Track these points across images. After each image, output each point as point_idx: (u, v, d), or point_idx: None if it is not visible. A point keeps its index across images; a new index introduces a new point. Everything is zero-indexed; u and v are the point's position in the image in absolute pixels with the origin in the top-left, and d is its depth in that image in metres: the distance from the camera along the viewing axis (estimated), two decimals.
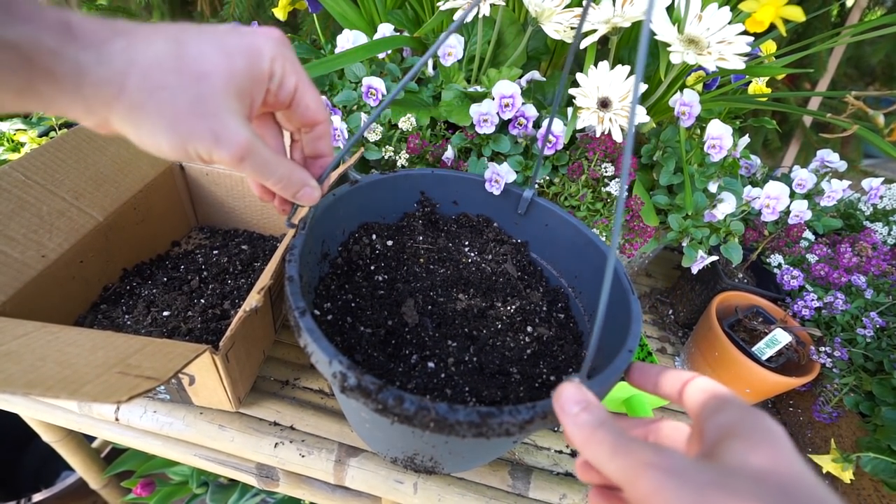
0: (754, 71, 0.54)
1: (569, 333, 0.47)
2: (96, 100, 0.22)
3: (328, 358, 0.29)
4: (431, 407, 0.27)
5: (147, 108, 0.23)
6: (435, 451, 0.41)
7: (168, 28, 0.23)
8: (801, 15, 0.44)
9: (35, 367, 0.30)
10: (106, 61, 0.21)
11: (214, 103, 0.24)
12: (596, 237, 0.47)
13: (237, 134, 0.25)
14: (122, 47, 0.22)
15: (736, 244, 0.57)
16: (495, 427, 0.27)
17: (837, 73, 1.19)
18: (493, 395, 0.37)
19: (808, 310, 0.61)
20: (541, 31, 0.55)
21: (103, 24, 0.22)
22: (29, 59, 0.20)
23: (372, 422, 0.39)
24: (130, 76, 0.22)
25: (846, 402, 0.56)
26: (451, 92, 0.58)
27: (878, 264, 0.66)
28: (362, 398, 0.28)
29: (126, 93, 0.22)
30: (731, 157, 0.58)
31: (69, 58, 0.20)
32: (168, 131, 0.24)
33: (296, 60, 0.27)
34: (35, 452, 1.11)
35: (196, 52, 0.23)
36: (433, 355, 0.40)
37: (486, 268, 0.50)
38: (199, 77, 0.23)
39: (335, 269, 0.44)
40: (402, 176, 0.50)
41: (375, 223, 0.50)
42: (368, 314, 0.41)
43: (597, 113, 0.50)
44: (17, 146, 0.65)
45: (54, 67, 0.20)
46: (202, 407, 0.50)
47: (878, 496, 0.51)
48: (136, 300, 0.55)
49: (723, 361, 0.59)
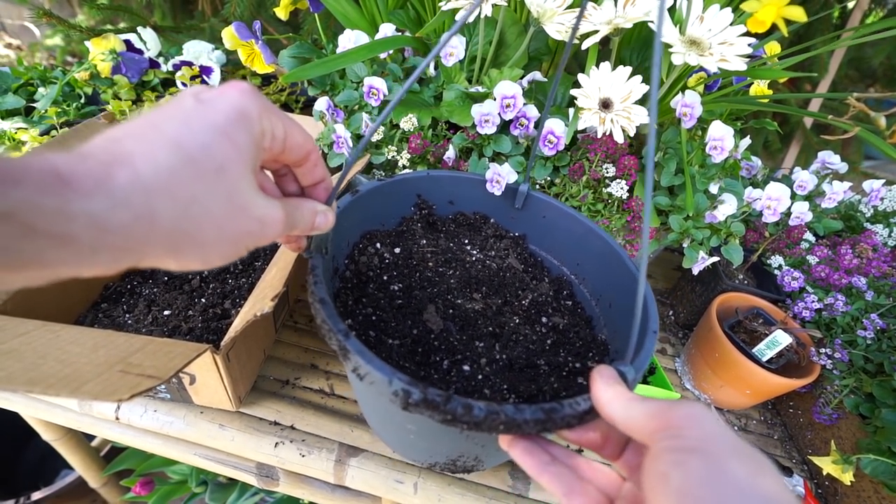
0: (756, 73, 0.54)
1: (580, 319, 0.48)
2: (126, 245, 0.19)
3: (387, 377, 0.28)
4: (500, 410, 0.27)
5: (187, 230, 0.21)
6: (482, 451, 0.41)
7: (150, 133, 0.20)
8: (803, 15, 0.44)
9: (36, 365, 0.30)
10: (122, 203, 0.18)
11: (242, 193, 0.23)
12: (595, 225, 0.49)
13: (273, 210, 0.25)
14: (129, 179, 0.19)
15: (736, 245, 0.57)
16: (559, 421, 0.28)
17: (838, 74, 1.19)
18: (528, 389, 0.37)
19: (808, 311, 0.61)
20: (542, 32, 0.55)
21: (86, 157, 0.19)
22: (31, 228, 0.17)
23: (418, 432, 0.39)
24: (157, 207, 0.19)
25: (846, 403, 0.56)
26: (452, 92, 0.58)
27: (879, 266, 0.66)
28: (429, 411, 0.27)
29: (159, 225, 0.19)
30: (732, 159, 0.58)
31: (79, 213, 0.17)
32: (218, 246, 0.22)
33: (273, 106, 0.26)
34: (34, 451, 1.11)
35: (200, 148, 0.21)
36: (465, 358, 0.39)
37: (492, 264, 0.50)
38: (217, 172, 0.21)
39: (345, 283, 0.44)
40: (399, 180, 0.50)
41: (377, 231, 0.50)
42: (392, 325, 0.41)
43: (598, 114, 0.50)
44: (18, 144, 0.65)
45: (66, 230, 0.17)
46: (203, 406, 0.50)
47: (878, 498, 0.51)
48: (137, 299, 0.56)
49: (723, 363, 0.59)
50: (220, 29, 0.69)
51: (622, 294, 0.45)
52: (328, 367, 0.57)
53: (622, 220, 0.56)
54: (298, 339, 0.60)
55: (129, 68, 0.78)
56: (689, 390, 0.66)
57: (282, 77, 0.56)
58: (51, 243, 0.17)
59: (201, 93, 0.23)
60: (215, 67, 0.81)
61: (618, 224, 0.56)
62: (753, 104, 0.61)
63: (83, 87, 0.79)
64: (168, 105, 0.22)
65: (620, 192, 0.54)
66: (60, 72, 0.82)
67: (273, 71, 0.71)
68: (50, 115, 0.69)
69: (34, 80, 0.80)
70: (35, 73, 0.80)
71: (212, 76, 0.81)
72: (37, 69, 0.81)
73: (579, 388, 0.37)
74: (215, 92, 0.23)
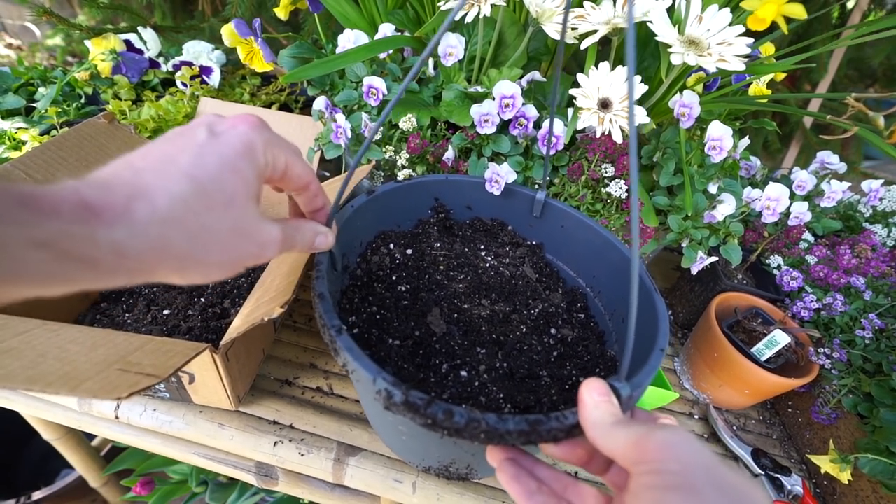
0: (756, 69, 0.54)
1: (591, 333, 0.47)
2: (140, 268, 0.22)
3: (372, 376, 0.28)
4: (482, 419, 0.26)
5: (195, 254, 0.23)
6: (473, 459, 0.41)
7: (168, 167, 0.23)
8: (803, 12, 0.44)
9: (36, 363, 0.30)
10: (141, 233, 0.21)
11: (246, 220, 0.25)
12: (614, 237, 0.47)
13: (272, 234, 0.27)
14: (147, 212, 0.21)
15: (735, 245, 0.58)
16: (544, 434, 0.27)
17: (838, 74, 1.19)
18: (526, 400, 0.36)
19: (807, 311, 0.61)
20: (542, 32, 0.56)
21: (111, 189, 0.21)
22: (65, 253, 0.19)
23: (410, 434, 0.39)
24: (171, 236, 0.22)
25: (845, 403, 0.56)
26: (451, 92, 0.58)
27: (878, 266, 0.66)
28: (410, 414, 0.27)
29: (171, 251, 0.22)
30: (731, 159, 0.58)
31: (103, 240, 0.20)
32: (220, 266, 0.25)
33: (278, 139, 0.28)
34: (35, 450, 1.11)
35: (211, 181, 0.23)
36: (464, 363, 0.39)
37: (505, 272, 0.50)
38: (226, 204, 0.24)
39: (355, 280, 0.44)
40: (418, 183, 0.50)
41: (392, 231, 0.50)
42: (395, 325, 0.41)
43: (597, 114, 0.50)
44: (18, 144, 0.65)
45: (92, 254, 0.20)
46: (202, 405, 0.50)
47: (877, 497, 0.51)
48: (137, 298, 0.56)
49: (722, 362, 0.59)
50: (220, 29, 0.69)
51: (641, 311, 0.44)
52: (327, 366, 0.58)
53: (621, 220, 0.56)
54: (297, 338, 0.60)
55: (130, 68, 0.78)
56: (687, 390, 0.66)
57: (281, 77, 0.56)
58: (78, 266, 0.20)
59: (215, 125, 0.25)
60: (215, 67, 0.81)
61: (616, 224, 0.56)
62: (752, 104, 0.61)
63: (83, 86, 0.79)
64: (184, 135, 0.25)
65: (619, 191, 0.54)
66: (61, 72, 0.82)
67: (272, 70, 0.71)
68: (50, 114, 0.69)
69: (34, 79, 0.80)
70: (35, 73, 0.80)
71: (211, 76, 0.81)
72: (37, 69, 0.81)
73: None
74: (227, 124, 0.26)
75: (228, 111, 0.68)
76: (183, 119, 0.70)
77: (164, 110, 0.70)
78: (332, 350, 0.31)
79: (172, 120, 0.70)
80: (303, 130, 0.67)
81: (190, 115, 0.71)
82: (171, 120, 0.70)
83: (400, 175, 0.58)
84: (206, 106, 0.68)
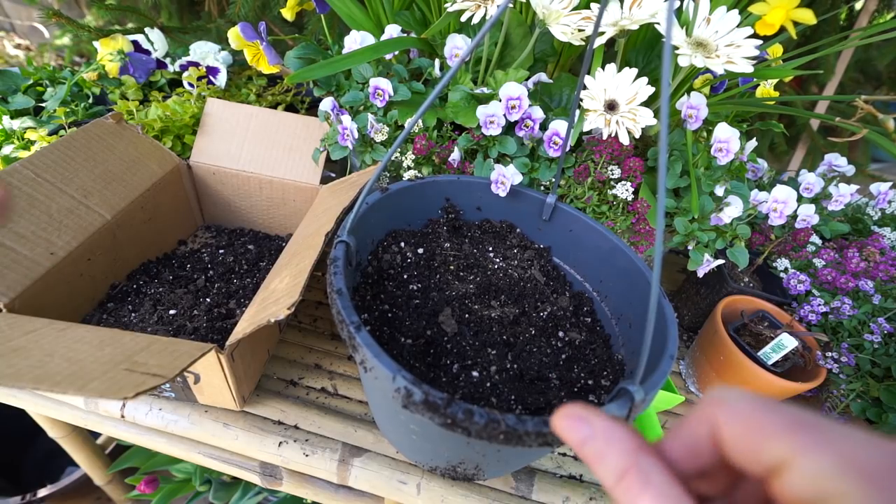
0: (763, 73, 0.54)
1: (598, 337, 0.47)
2: None
3: (391, 373, 0.28)
4: (501, 419, 0.26)
5: None
6: (483, 460, 0.41)
7: None
8: (812, 17, 0.44)
9: (43, 362, 0.31)
10: None
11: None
12: (622, 243, 0.47)
13: None
14: None
15: (742, 248, 0.57)
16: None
17: (845, 77, 1.18)
18: (536, 401, 0.36)
19: (814, 315, 0.61)
20: (548, 33, 0.55)
21: None
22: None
23: (421, 434, 0.39)
24: None
25: (853, 408, 0.55)
26: (457, 93, 0.58)
27: (886, 269, 0.65)
28: (429, 413, 0.27)
29: None
30: (738, 161, 0.58)
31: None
32: None
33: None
34: (40, 448, 1.12)
35: None
36: (475, 364, 0.39)
37: (514, 274, 0.50)
38: None
39: (366, 278, 0.44)
40: (430, 182, 0.50)
41: (402, 230, 0.50)
42: (407, 324, 0.41)
43: (604, 115, 0.50)
44: (27, 144, 0.66)
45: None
46: (207, 405, 0.51)
47: None
48: (143, 299, 0.56)
49: (728, 366, 0.59)
50: (227, 30, 0.69)
51: (644, 314, 0.44)
52: (332, 367, 0.58)
53: (627, 222, 0.56)
54: (303, 338, 0.60)
55: (137, 69, 0.79)
56: (693, 393, 0.66)
57: (287, 78, 0.57)
58: None
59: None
60: (222, 68, 0.81)
61: (622, 226, 0.56)
62: (759, 106, 0.61)
63: (91, 87, 0.80)
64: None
65: (625, 193, 0.54)
66: (69, 72, 0.83)
67: (278, 71, 0.71)
68: (59, 114, 0.70)
69: (43, 80, 0.80)
70: (44, 73, 0.81)
71: (218, 77, 0.81)
72: (46, 69, 0.81)
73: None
74: None
75: (234, 112, 0.68)
76: (189, 119, 0.71)
77: (171, 110, 0.70)
78: (351, 346, 0.30)
79: (179, 120, 0.70)
80: (309, 131, 0.67)
81: (196, 116, 0.71)
82: (178, 120, 0.70)
83: (405, 176, 0.58)
84: (213, 106, 0.68)
